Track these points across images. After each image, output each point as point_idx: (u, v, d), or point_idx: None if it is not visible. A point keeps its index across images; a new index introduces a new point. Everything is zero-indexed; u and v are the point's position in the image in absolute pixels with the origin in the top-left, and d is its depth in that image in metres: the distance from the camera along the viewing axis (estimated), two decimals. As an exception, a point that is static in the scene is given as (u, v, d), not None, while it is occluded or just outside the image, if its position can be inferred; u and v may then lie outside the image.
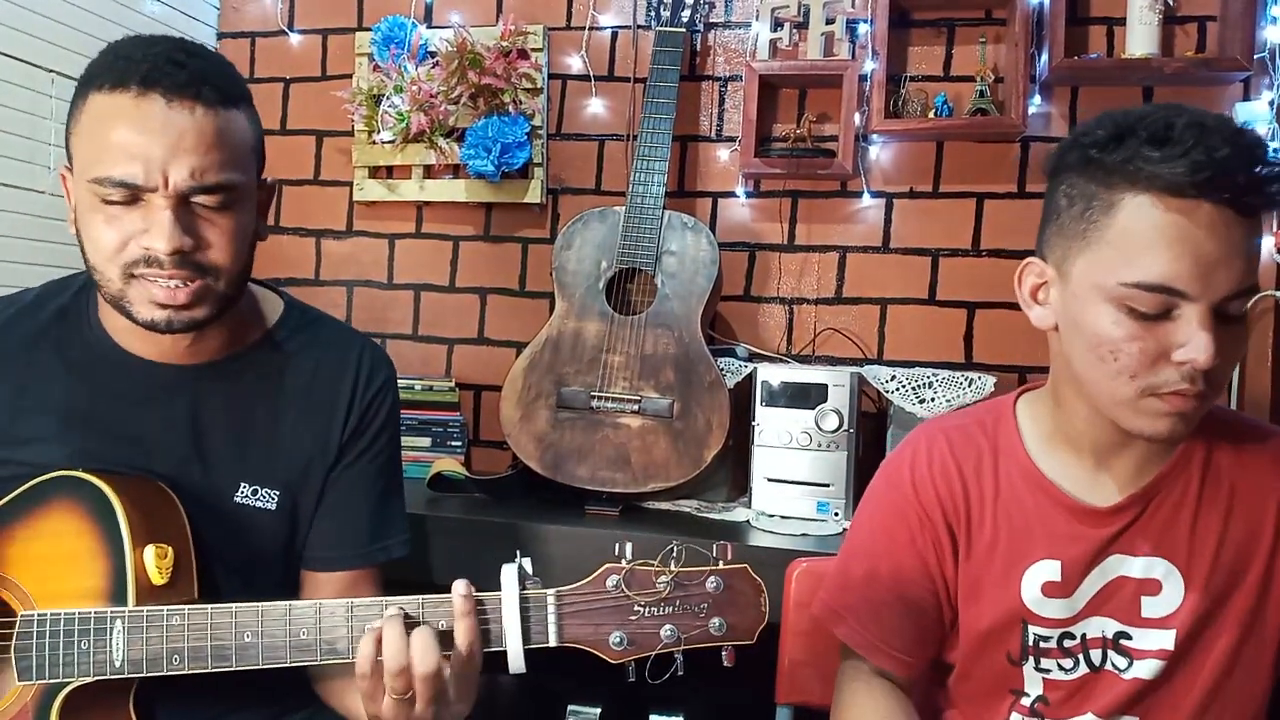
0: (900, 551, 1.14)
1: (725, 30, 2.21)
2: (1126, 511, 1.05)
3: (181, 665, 0.98)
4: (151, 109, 1.01)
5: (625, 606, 0.93)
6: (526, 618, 0.94)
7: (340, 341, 1.25)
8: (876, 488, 1.21)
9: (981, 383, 1.80)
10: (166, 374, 1.15)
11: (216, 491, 1.15)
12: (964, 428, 1.16)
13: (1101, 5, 2.02)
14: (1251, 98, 1.91)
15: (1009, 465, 1.11)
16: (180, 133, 1.01)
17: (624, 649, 0.93)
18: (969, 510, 1.12)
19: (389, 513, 1.25)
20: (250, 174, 1.11)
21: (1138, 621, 1.06)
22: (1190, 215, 0.90)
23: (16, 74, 1.89)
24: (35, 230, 1.94)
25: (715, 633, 0.93)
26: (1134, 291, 0.93)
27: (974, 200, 2.08)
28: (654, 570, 0.94)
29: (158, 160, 1.01)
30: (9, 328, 1.16)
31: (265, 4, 2.44)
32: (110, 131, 1.01)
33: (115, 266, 1.04)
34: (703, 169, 2.22)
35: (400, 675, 0.92)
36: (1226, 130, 0.90)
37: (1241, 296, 0.92)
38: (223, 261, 1.07)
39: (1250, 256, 0.92)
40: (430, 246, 2.36)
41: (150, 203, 1.02)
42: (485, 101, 2.16)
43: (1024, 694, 1.11)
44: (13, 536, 1.05)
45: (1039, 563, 1.08)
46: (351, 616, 0.97)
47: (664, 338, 1.89)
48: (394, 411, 1.26)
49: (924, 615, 1.14)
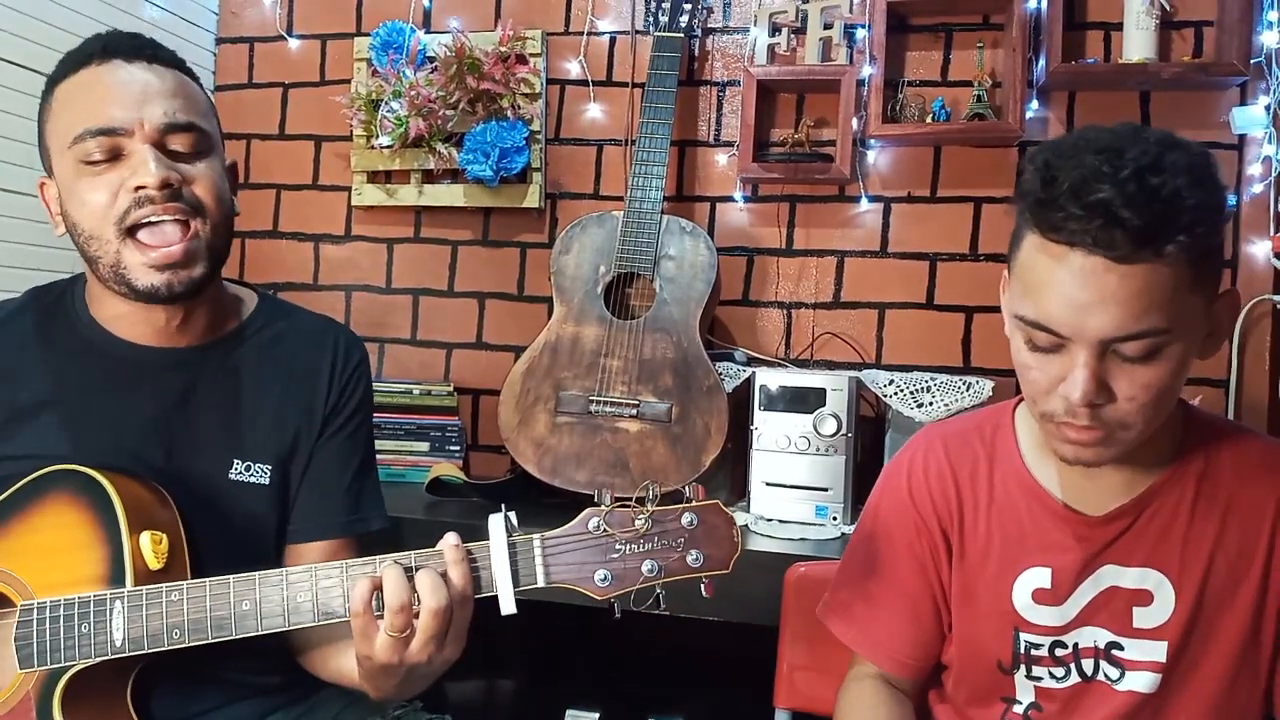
0: (898, 554, 1.15)
1: (723, 35, 2.21)
2: (1118, 521, 1.05)
3: (182, 638, 1.00)
4: (115, 70, 1.11)
5: (607, 545, 0.97)
6: (515, 562, 0.98)
7: (315, 324, 1.32)
8: (877, 492, 1.22)
9: (979, 387, 1.80)
10: (155, 357, 1.18)
11: (211, 470, 1.17)
12: (963, 433, 1.16)
13: (1098, 10, 2.03)
14: (1248, 102, 1.92)
15: (1004, 472, 1.12)
16: (145, 82, 1.11)
17: (608, 585, 0.97)
18: (963, 515, 1.13)
19: (366, 486, 1.30)
20: (214, 129, 1.18)
21: (1129, 632, 1.05)
22: (1063, 261, 0.90)
23: (13, 79, 1.89)
24: (31, 235, 1.94)
25: (693, 564, 0.97)
26: (1025, 325, 0.95)
27: (972, 205, 2.09)
28: (632, 510, 0.98)
29: (131, 103, 1.09)
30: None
31: (264, 9, 2.45)
32: (82, 99, 1.10)
33: (110, 225, 1.08)
34: (701, 174, 2.22)
35: (401, 612, 0.95)
36: (1120, 175, 0.86)
37: (1133, 340, 0.90)
38: (208, 200, 1.13)
39: (1139, 302, 0.88)
40: (429, 251, 2.36)
41: (131, 152, 1.08)
42: (484, 106, 2.17)
43: (1016, 701, 1.11)
44: (10, 531, 1.07)
45: (1030, 570, 1.08)
46: (346, 577, 1.00)
47: (662, 342, 1.89)
48: (369, 390, 1.33)
49: (922, 618, 1.15)
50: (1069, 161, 0.90)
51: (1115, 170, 0.87)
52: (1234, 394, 1.92)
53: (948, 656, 1.17)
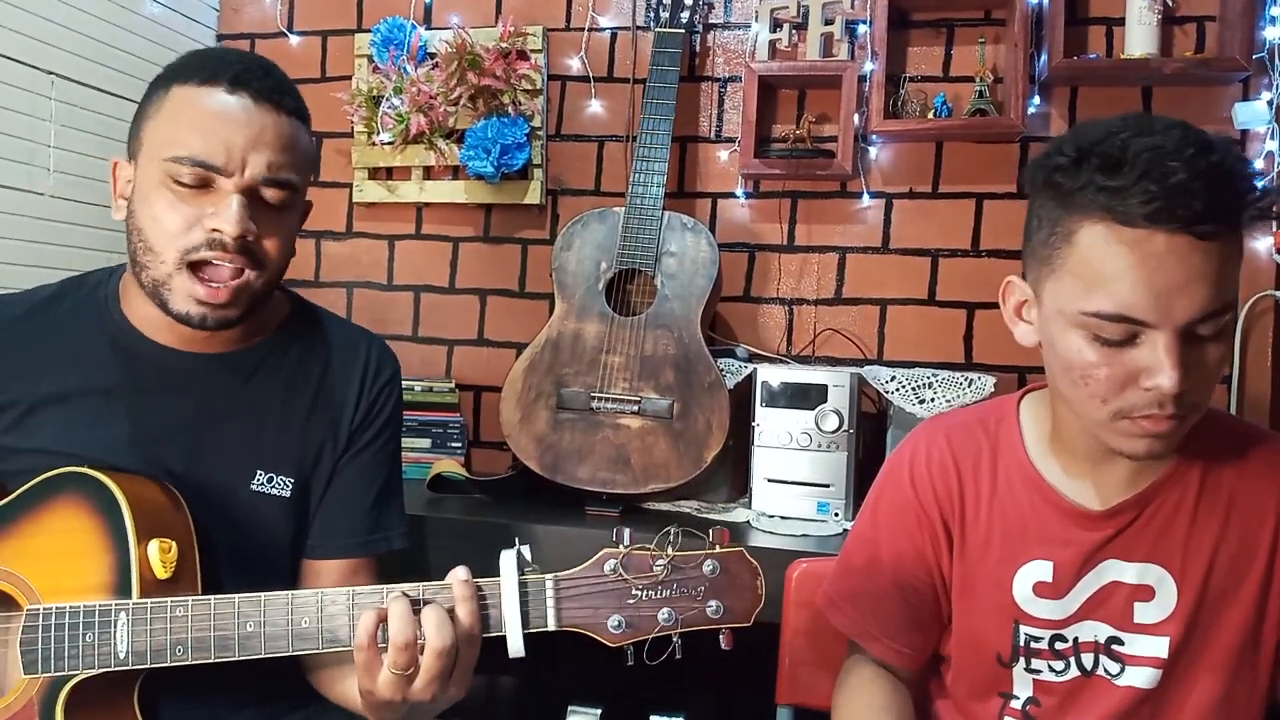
0: (899, 544, 1.16)
1: (724, 31, 2.21)
2: (1120, 516, 1.05)
3: (185, 656, 0.99)
4: (240, 103, 1.09)
5: (623, 590, 0.94)
6: (525, 602, 0.95)
7: (349, 335, 1.30)
8: (879, 482, 1.22)
9: (981, 383, 1.80)
10: (184, 362, 1.17)
11: (232, 479, 1.17)
12: (966, 425, 1.16)
13: (1100, 5, 2.02)
14: (1251, 98, 1.91)
15: (1007, 464, 1.12)
16: (262, 128, 1.09)
17: (622, 632, 0.93)
18: (964, 507, 1.13)
19: (389, 505, 1.28)
20: (306, 186, 1.18)
21: (1130, 627, 1.05)
22: (1144, 245, 0.89)
23: (16, 76, 1.88)
24: (34, 232, 1.94)
25: (712, 615, 0.94)
26: (1096, 320, 0.93)
27: (973, 201, 2.08)
28: (651, 554, 0.94)
29: (239, 148, 1.07)
30: (28, 319, 1.18)
31: (265, 5, 2.44)
32: (196, 117, 1.08)
33: (174, 249, 1.08)
34: (702, 170, 2.22)
35: (405, 650, 0.92)
36: (1186, 154, 0.87)
37: (1211, 319, 0.91)
38: (274, 256, 1.13)
39: (1218, 279, 0.89)
40: (430, 248, 2.36)
41: (220, 189, 1.08)
42: (485, 103, 2.16)
43: (1013, 696, 1.11)
44: (18, 532, 1.06)
45: (1031, 562, 1.08)
46: (353, 605, 0.98)
47: (664, 338, 1.89)
48: (398, 406, 1.30)
49: (922, 607, 1.15)
50: (1127, 146, 0.89)
51: (1180, 149, 0.87)
52: (1236, 390, 1.92)
53: (946, 649, 1.17)
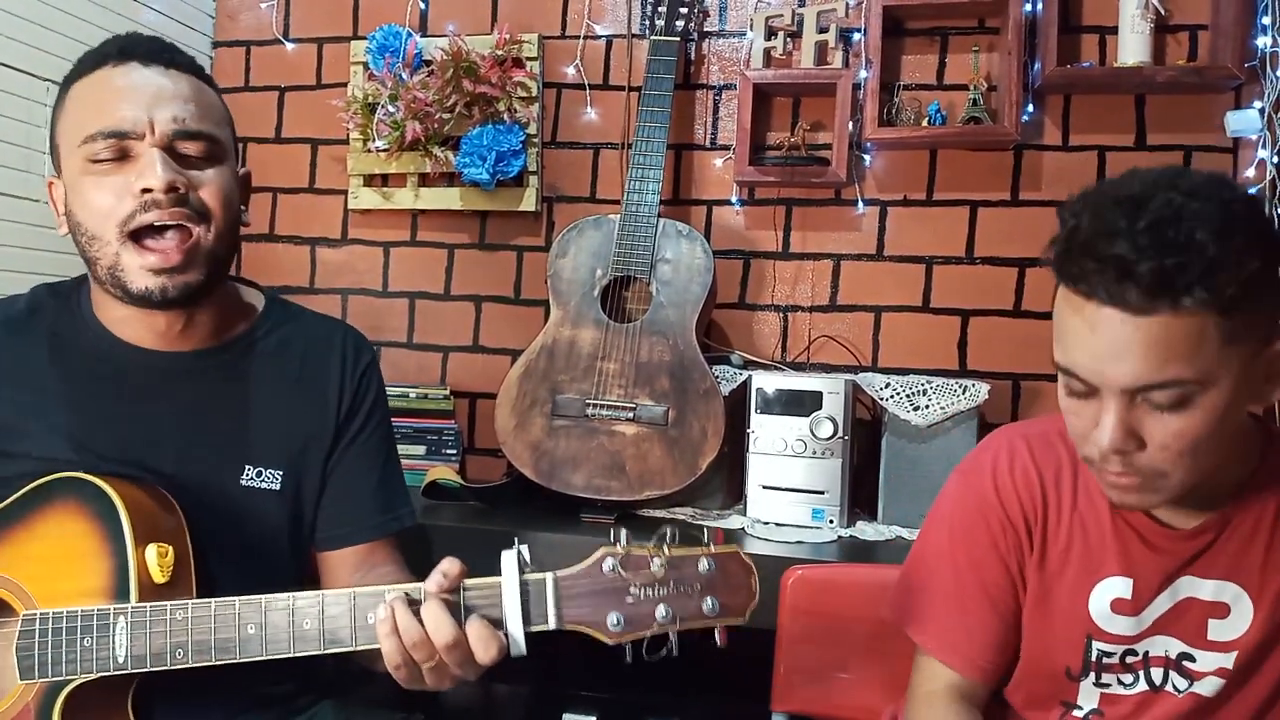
0: (982, 554, 1.13)
1: (719, 39, 2.22)
2: (1203, 536, 1.04)
3: (185, 659, 0.99)
4: (131, 72, 1.10)
5: (621, 588, 0.95)
6: (526, 601, 0.95)
7: (323, 327, 1.31)
8: (953, 491, 1.18)
9: (976, 390, 1.80)
10: (163, 362, 1.17)
11: (223, 475, 1.17)
12: (1044, 435, 1.14)
13: (1094, 14, 2.04)
14: (1243, 106, 1.92)
15: (1089, 478, 1.09)
16: (159, 86, 1.10)
17: (621, 630, 0.95)
18: (1046, 517, 1.11)
19: (393, 485, 1.30)
20: (227, 138, 1.17)
21: (1202, 644, 1.05)
22: (1080, 311, 0.91)
23: (12, 83, 1.89)
24: (30, 239, 1.94)
25: (708, 613, 0.95)
26: (1061, 372, 0.96)
27: (968, 208, 2.09)
28: (648, 553, 0.95)
29: (143, 108, 1.08)
30: (5, 330, 1.17)
31: (260, 13, 2.45)
32: (96, 97, 1.09)
33: (112, 224, 1.07)
34: (697, 177, 2.22)
35: (420, 646, 0.94)
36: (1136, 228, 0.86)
37: (1160, 389, 0.89)
38: (214, 207, 1.11)
39: (1160, 352, 0.87)
40: (425, 254, 2.36)
41: (138, 154, 1.08)
42: (480, 110, 2.17)
43: (1077, 706, 1.10)
44: (14, 538, 1.06)
45: (1110, 579, 1.07)
46: (354, 606, 0.98)
47: (659, 345, 1.89)
48: (382, 388, 1.32)
49: (1006, 618, 1.13)
50: (1089, 212, 0.90)
51: (1131, 222, 0.87)
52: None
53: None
